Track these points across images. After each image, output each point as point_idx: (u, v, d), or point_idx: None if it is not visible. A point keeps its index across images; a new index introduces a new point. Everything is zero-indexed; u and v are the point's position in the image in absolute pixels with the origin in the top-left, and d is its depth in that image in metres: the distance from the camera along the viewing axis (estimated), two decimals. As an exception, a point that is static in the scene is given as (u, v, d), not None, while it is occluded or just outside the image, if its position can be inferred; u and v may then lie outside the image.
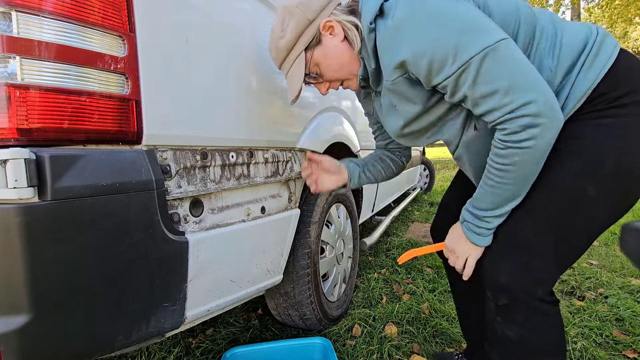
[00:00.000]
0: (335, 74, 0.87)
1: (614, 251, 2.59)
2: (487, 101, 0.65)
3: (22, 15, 0.57)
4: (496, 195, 0.73)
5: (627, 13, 11.40)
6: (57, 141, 0.62)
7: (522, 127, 0.63)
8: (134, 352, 1.39)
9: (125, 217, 0.67)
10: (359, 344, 1.44)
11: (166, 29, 0.75)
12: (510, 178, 0.69)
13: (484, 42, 0.62)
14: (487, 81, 0.63)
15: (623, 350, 1.37)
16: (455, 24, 0.64)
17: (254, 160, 1.03)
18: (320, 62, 0.84)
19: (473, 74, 0.64)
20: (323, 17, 0.80)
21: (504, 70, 0.62)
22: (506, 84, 0.62)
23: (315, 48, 0.83)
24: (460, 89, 0.67)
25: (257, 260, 1.09)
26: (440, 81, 0.68)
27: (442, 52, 0.65)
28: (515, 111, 0.63)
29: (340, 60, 0.84)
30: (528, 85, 0.62)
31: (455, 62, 0.64)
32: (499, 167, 0.69)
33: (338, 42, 0.82)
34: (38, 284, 0.59)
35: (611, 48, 0.69)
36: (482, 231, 0.78)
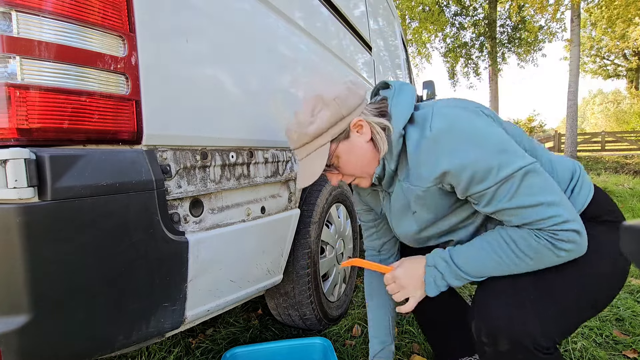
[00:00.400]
0: (353, 170, 0.87)
1: (613, 251, 2.59)
2: (528, 213, 0.70)
3: (22, 15, 0.57)
4: (491, 267, 0.76)
5: (627, 13, 11.38)
6: (57, 141, 0.62)
7: (568, 239, 0.69)
8: (134, 352, 1.39)
9: (125, 217, 0.67)
10: (359, 344, 1.43)
11: (166, 29, 0.75)
12: (518, 264, 0.74)
13: (522, 162, 0.70)
14: (529, 194, 0.69)
15: (623, 350, 1.37)
16: (493, 142, 0.71)
17: (254, 160, 1.03)
18: (341, 156, 0.84)
19: (516, 186, 0.69)
20: (355, 115, 0.81)
21: (543, 185, 0.70)
22: (549, 199, 0.69)
23: (341, 142, 0.83)
24: (497, 200, 0.71)
25: (257, 260, 1.09)
26: (479, 190, 0.72)
27: (486, 165, 0.69)
28: (562, 224, 0.69)
29: (362, 159, 0.84)
30: (567, 202, 0.71)
31: (498, 174, 0.69)
32: (518, 252, 0.73)
33: (364, 142, 0.83)
34: (38, 284, 0.59)
35: (590, 182, 0.85)
36: (442, 285, 0.81)
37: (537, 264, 0.74)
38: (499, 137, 0.72)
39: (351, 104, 0.81)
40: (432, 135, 0.74)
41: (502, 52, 14.99)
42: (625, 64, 23.55)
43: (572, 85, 9.89)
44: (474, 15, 14.92)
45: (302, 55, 1.30)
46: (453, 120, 0.73)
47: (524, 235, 0.72)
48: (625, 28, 15.54)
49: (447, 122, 0.73)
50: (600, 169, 8.90)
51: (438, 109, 0.78)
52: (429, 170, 0.75)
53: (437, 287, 0.82)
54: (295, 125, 0.83)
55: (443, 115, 0.75)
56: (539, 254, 0.72)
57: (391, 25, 3.20)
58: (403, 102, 0.82)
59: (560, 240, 0.69)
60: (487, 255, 0.76)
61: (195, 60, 0.81)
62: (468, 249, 0.80)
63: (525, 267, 0.75)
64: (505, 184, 0.70)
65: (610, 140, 15.26)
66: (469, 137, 0.71)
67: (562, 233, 0.69)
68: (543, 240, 0.70)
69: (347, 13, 1.83)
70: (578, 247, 0.71)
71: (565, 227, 0.69)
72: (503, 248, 0.75)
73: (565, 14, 11.23)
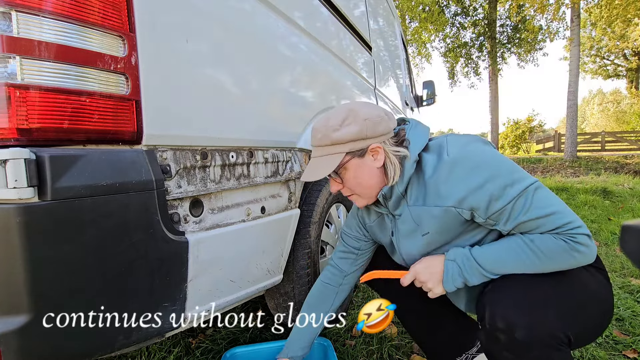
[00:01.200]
0: (355, 187, 0.91)
1: (614, 251, 2.59)
2: (546, 221, 0.76)
3: (22, 15, 0.57)
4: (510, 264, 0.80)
5: (627, 13, 11.38)
6: (57, 141, 0.62)
7: (583, 242, 0.76)
8: (134, 352, 1.39)
9: (125, 217, 0.67)
10: (359, 344, 1.43)
11: (166, 29, 0.75)
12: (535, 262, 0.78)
13: (531, 179, 0.78)
14: (542, 206, 0.76)
15: (623, 350, 1.37)
16: (505, 165, 0.79)
17: (254, 160, 1.03)
18: (349, 170, 0.88)
19: (527, 201, 0.76)
20: (377, 141, 0.86)
21: (551, 198, 0.78)
22: (559, 209, 0.76)
23: (355, 158, 0.87)
24: (514, 215, 0.77)
25: (257, 260, 1.09)
26: (498, 209, 0.77)
27: (501, 183, 0.77)
28: (576, 228, 0.75)
29: (367, 180, 0.89)
30: (571, 212, 0.78)
31: (513, 191, 0.76)
32: (537, 251, 0.78)
33: (375, 167, 0.88)
34: (38, 284, 0.58)
35: None
36: (459, 281, 0.83)
37: (553, 264, 0.78)
38: (508, 161, 0.80)
39: (378, 130, 0.85)
40: (450, 160, 0.81)
41: (502, 52, 14.99)
42: (625, 64, 23.54)
43: (572, 85, 9.89)
44: (474, 15, 14.92)
45: (302, 55, 1.30)
46: (467, 147, 0.82)
47: (542, 237, 0.78)
48: (625, 28, 15.53)
49: (463, 149, 0.82)
50: (600, 169, 8.90)
51: (452, 138, 0.86)
52: (448, 190, 0.81)
53: (454, 282, 0.84)
54: (323, 126, 0.87)
55: (458, 143, 0.84)
56: (556, 254, 0.76)
57: (391, 25, 3.20)
58: (420, 132, 0.89)
59: (577, 242, 0.75)
60: (507, 253, 0.80)
61: (195, 60, 0.81)
62: (488, 247, 0.83)
63: (542, 267, 0.79)
64: (520, 199, 0.76)
65: (610, 140, 15.27)
66: (483, 160, 0.79)
67: (579, 236, 0.75)
68: (561, 242, 0.76)
69: (347, 13, 1.83)
70: (590, 251, 0.76)
71: (580, 231, 0.75)
72: (522, 247, 0.79)
73: (566, 13, 11.22)
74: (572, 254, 0.76)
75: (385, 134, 0.87)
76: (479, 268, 0.82)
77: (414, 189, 0.88)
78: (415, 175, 0.87)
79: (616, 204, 4.45)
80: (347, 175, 0.89)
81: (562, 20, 11.13)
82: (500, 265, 0.81)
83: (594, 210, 4.03)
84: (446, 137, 0.87)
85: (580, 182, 6.26)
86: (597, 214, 3.86)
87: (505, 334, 0.73)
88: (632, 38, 17.64)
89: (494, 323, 0.75)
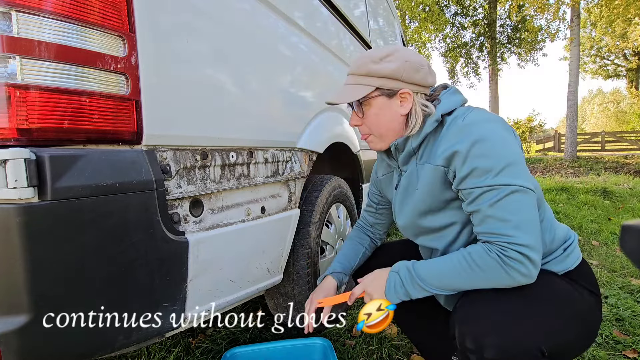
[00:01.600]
0: (373, 126, 0.91)
1: (614, 251, 2.59)
2: (495, 224, 0.74)
3: (22, 15, 0.57)
4: (448, 278, 0.79)
5: (627, 13, 11.37)
6: (57, 141, 0.62)
7: (516, 258, 0.72)
8: (134, 352, 1.39)
9: (125, 217, 0.67)
10: (358, 344, 1.43)
11: (166, 29, 0.75)
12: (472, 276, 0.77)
13: (518, 181, 0.73)
14: (506, 210, 0.73)
15: (623, 350, 1.37)
16: (508, 153, 0.74)
17: (254, 160, 1.03)
18: (372, 107, 0.88)
19: (498, 197, 0.73)
20: (410, 87, 0.85)
21: (522, 209, 0.73)
22: (520, 220, 0.72)
23: (382, 96, 0.87)
24: (479, 202, 0.75)
25: (257, 260, 1.09)
26: (470, 187, 0.76)
27: (489, 164, 0.73)
28: (517, 245, 0.72)
29: (387, 124, 0.89)
30: (534, 233, 0.73)
31: (492, 179, 0.73)
32: (472, 264, 0.76)
33: (398, 112, 0.87)
34: (38, 284, 0.59)
35: (580, 252, 0.90)
36: (401, 292, 0.84)
37: (489, 279, 0.75)
38: (515, 154, 0.75)
39: (414, 77, 0.84)
40: (462, 124, 0.79)
41: (502, 52, 14.99)
42: (625, 64, 23.53)
43: (572, 85, 9.89)
44: (474, 15, 14.92)
45: (302, 55, 1.30)
46: (484, 123, 0.77)
47: (478, 249, 0.77)
48: (625, 28, 15.53)
49: (478, 121, 0.78)
50: (600, 169, 8.90)
51: (478, 110, 0.82)
52: (444, 148, 0.79)
53: (396, 294, 0.85)
54: (365, 55, 0.87)
55: (479, 116, 0.79)
56: (490, 268, 0.74)
57: (391, 25, 3.20)
58: (453, 98, 0.87)
59: (508, 257, 0.72)
60: (445, 266, 0.80)
61: (195, 60, 0.81)
62: (430, 261, 0.83)
63: (478, 281, 0.77)
64: (492, 191, 0.73)
65: (610, 140, 15.26)
66: (492, 137, 0.75)
67: (511, 251, 0.72)
68: (493, 254, 0.74)
69: (347, 13, 1.83)
70: (527, 271, 0.72)
71: (516, 248, 0.72)
72: (460, 260, 0.78)
73: (566, 13, 11.21)
74: (507, 270, 0.72)
75: (420, 84, 0.86)
76: (419, 281, 0.82)
77: (427, 148, 0.87)
78: (433, 135, 0.86)
79: (616, 204, 4.45)
80: (370, 111, 0.89)
81: (563, 20, 11.11)
82: (440, 279, 0.80)
83: (594, 210, 4.03)
84: (474, 109, 0.84)
85: (580, 182, 6.26)
86: (597, 214, 3.86)
87: (474, 354, 0.72)
88: (632, 38, 17.62)
89: (463, 343, 0.74)
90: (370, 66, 0.85)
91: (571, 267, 0.85)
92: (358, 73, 0.87)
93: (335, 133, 1.54)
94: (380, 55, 0.85)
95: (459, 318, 0.77)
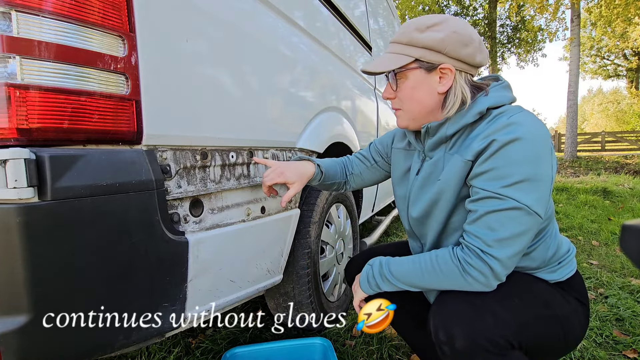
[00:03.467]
0: (405, 100, 0.84)
1: (614, 251, 2.59)
2: (482, 229, 0.73)
3: (22, 15, 0.57)
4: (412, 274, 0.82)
5: (627, 13, 11.37)
6: (57, 141, 0.62)
7: (477, 267, 0.73)
8: (134, 352, 1.39)
9: (125, 217, 0.67)
10: (358, 344, 1.43)
11: (166, 29, 0.75)
12: (432, 275, 0.79)
13: (529, 202, 0.70)
14: (499, 222, 0.71)
15: (623, 350, 1.37)
16: (533, 169, 0.70)
17: (254, 160, 1.03)
18: (409, 80, 0.81)
19: (499, 207, 0.71)
20: (453, 63, 0.77)
21: (516, 228, 0.71)
22: (505, 236, 0.71)
23: (420, 69, 0.79)
24: (481, 204, 0.73)
25: (257, 260, 1.09)
26: (479, 186, 0.74)
27: (507, 171, 0.70)
28: (488, 255, 0.72)
29: (422, 100, 0.81)
30: (512, 252, 0.72)
31: (502, 187, 0.70)
32: (434, 263, 0.78)
33: (436, 89, 0.80)
34: (38, 284, 0.58)
35: (576, 264, 0.90)
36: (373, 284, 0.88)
37: (450, 283, 0.77)
38: (541, 172, 0.71)
39: (461, 52, 0.76)
40: (509, 120, 0.72)
41: (502, 52, 14.98)
42: (625, 64, 23.52)
43: (572, 85, 9.89)
44: (474, 15, 14.93)
45: (302, 55, 1.30)
46: (534, 127, 0.71)
47: (445, 252, 0.78)
48: (625, 27, 15.52)
49: (530, 123, 0.71)
50: (600, 169, 8.90)
51: (529, 113, 0.76)
52: (481, 142, 0.73)
53: (369, 285, 0.89)
54: (412, 22, 0.80)
55: (531, 118, 0.73)
56: (451, 273, 0.76)
57: (391, 25, 3.20)
58: (504, 93, 0.80)
59: (469, 264, 0.73)
60: (414, 265, 0.82)
61: (195, 60, 0.81)
62: (403, 258, 0.85)
63: (442, 284, 0.78)
64: (497, 200, 0.71)
65: (610, 140, 15.27)
66: (529, 144, 0.70)
67: (476, 259, 0.72)
68: (456, 261, 0.75)
69: (347, 13, 1.83)
70: (486, 281, 0.73)
71: (485, 257, 0.72)
72: (426, 261, 0.80)
73: (565, 14, 11.22)
74: (464, 276, 0.74)
75: (465, 61, 0.78)
76: (388, 276, 0.85)
77: (461, 138, 0.80)
78: (471, 126, 0.79)
79: (616, 204, 4.45)
80: (405, 84, 0.82)
81: (562, 21, 11.11)
82: (408, 276, 0.82)
83: (594, 210, 4.03)
84: (525, 110, 0.76)
85: (580, 182, 6.26)
86: (597, 214, 3.86)
87: (447, 345, 0.73)
88: (632, 38, 17.61)
89: (437, 336, 0.75)
90: (413, 34, 0.78)
91: (562, 278, 0.85)
92: (400, 41, 0.80)
93: (335, 133, 1.54)
94: (429, 23, 0.77)
95: (433, 312, 0.78)
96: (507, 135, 0.70)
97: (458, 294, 0.78)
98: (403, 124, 0.88)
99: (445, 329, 0.73)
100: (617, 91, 34.51)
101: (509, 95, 0.81)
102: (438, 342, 0.75)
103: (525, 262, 0.84)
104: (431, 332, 0.77)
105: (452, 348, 0.72)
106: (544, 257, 0.84)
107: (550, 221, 0.85)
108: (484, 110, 0.77)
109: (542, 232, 0.83)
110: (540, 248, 0.83)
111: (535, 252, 0.83)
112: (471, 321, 0.72)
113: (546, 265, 0.85)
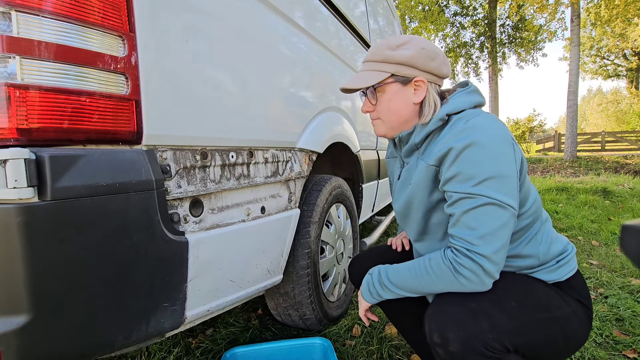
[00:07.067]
0: (383, 112, 0.91)
1: (614, 251, 2.59)
2: (463, 230, 0.75)
3: (22, 15, 0.57)
4: (409, 280, 0.83)
5: (627, 13, 11.36)
6: (57, 141, 0.62)
7: (468, 266, 0.74)
8: (134, 352, 1.39)
9: (125, 217, 0.67)
10: (358, 344, 1.43)
11: (166, 29, 0.75)
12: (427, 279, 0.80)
13: (500, 197, 0.73)
14: (476, 219, 0.74)
15: (623, 350, 1.37)
16: (498, 166, 0.74)
17: (254, 160, 1.03)
18: (386, 94, 0.88)
19: (473, 205, 0.74)
20: (424, 76, 0.86)
21: (494, 223, 0.73)
22: (486, 232, 0.73)
23: (396, 83, 0.87)
24: (456, 206, 0.77)
25: (257, 260, 1.09)
26: (452, 190, 0.77)
27: (474, 172, 0.74)
28: (475, 254, 0.73)
29: (398, 111, 0.88)
30: (496, 246, 0.74)
31: (472, 187, 0.74)
32: (429, 268, 0.80)
33: (411, 100, 0.87)
34: (38, 284, 0.58)
35: (576, 265, 0.90)
36: (374, 292, 0.90)
37: (444, 285, 0.78)
38: (506, 168, 0.75)
39: (429, 65, 0.85)
40: (464, 125, 0.77)
41: (502, 52, 14.99)
42: (625, 64, 23.52)
43: (572, 85, 9.89)
44: (474, 15, 14.93)
45: (302, 55, 1.30)
46: (489, 128, 0.76)
47: (437, 255, 0.80)
48: (624, 27, 15.52)
49: (484, 125, 0.76)
50: (600, 169, 8.90)
51: (487, 116, 0.80)
52: (440, 147, 0.79)
53: (371, 295, 0.91)
54: (382, 42, 0.88)
55: (486, 120, 0.77)
56: (443, 274, 0.77)
57: (391, 25, 3.20)
58: (464, 99, 0.86)
59: (460, 265, 0.74)
60: (410, 271, 0.83)
61: (195, 60, 0.81)
62: (400, 265, 0.87)
63: (437, 287, 0.79)
64: (469, 199, 0.74)
65: (610, 140, 15.27)
66: (487, 145, 0.74)
67: (465, 259, 0.74)
68: (447, 262, 0.77)
69: (347, 13, 1.83)
70: (478, 280, 0.74)
71: (473, 256, 0.73)
72: (420, 265, 0.82)
73: (565, 14, 11.23)
74: (457, 277, 0.75)
75: (434, 73, 0.86)
76: (387, 283, 0.86)
77: (429, 145, 0.87)
78: (437, 132, 0.85)
79: (616, 204, 4.45)
80: (383, 97, 0.89)
81: (561, 21, 11.11)
82: (405, 282, 0.84)
83: (594, 210, 4.03)
84: (482, 113, 0.81)
85: (580, 182, 6.25)
86: (597, 214, 3.86)
87: (441, 348, 0.74)
88: (632, 38, 17.61)
89: (432, 339, 0.76)
90: (386, 52, 0.86)
91: (561, 278, 0.85)
92: (374, 59, 0.88)
93: (335, 133, 1.54)
94: (398, 42, 0.86)
95: (428, 314, 0.79)
96: (462, 141, 0.75)
97: (454, 296, 0.78)
98: (381, 132, 0.95)
99: (440, 331, 0.74)
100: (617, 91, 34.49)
101: (472, 100, 0.86)
102: (433, 345, 0.75)
103: (520, 260, 0.84)
104: (426, 335, 0.77)
105: (446, 351, 0.73)
106: (537, 253, 0.85)
107: (537, 216, 0.86)
108: (445, 117, 0.83)
109: (530, 227, 0.85)
110: (531, 243, 0.85)
111: (527, 247, 0.84)
112: (466, 324, 0.72)
113: (544, 264, 0.85)
